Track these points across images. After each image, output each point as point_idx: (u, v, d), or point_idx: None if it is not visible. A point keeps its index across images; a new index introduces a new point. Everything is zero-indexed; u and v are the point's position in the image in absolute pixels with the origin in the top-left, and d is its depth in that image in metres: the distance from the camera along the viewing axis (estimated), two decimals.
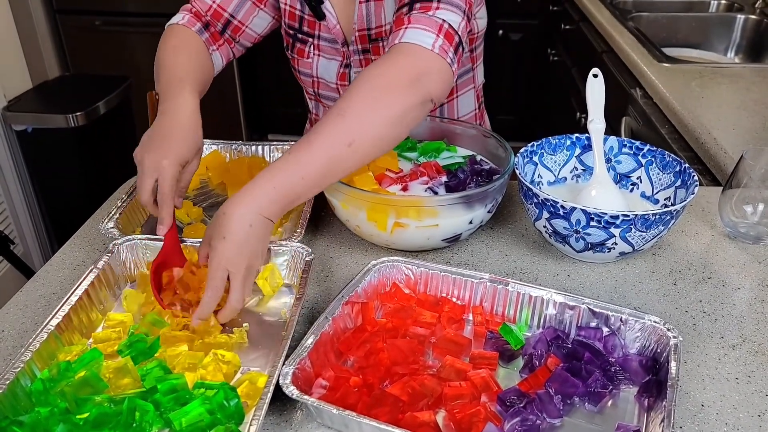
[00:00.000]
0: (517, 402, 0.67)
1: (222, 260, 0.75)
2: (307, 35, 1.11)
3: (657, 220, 0.83)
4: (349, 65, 1.11)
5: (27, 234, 2.28)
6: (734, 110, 1.40)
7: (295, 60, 1.15)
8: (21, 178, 2.21)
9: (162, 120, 0.90)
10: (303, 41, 1.12)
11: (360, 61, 1.10)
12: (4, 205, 2.18)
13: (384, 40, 1.06)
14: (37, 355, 0.70)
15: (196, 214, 1.01)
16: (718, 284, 0.88)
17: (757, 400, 0.70)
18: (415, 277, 0.83)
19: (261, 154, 1.15)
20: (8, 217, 2.20)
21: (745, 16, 2.10)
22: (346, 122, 0.78)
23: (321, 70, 1.13)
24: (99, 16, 2.85)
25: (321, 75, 1.14)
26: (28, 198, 2.24)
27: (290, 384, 0.65)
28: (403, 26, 0.84)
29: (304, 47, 1.12)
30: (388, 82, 0.80)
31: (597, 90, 1.00)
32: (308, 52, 1.12)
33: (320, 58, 1.12)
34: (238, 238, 0.75)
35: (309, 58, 1.13)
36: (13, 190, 2.19)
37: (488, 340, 0.77)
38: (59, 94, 2.31)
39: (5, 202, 2.18)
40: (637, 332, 0.74)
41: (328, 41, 1.10)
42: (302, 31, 1.10)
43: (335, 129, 0.78)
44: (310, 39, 1.11)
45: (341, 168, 0.79)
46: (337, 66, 1.12)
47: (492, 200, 0.91)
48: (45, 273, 0.90)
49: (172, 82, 0.94)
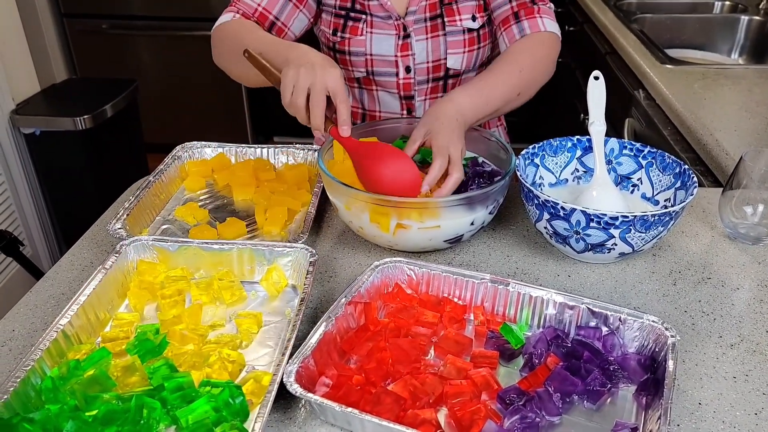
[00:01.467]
0: (516, 400, 0.69)
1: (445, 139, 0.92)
2: (360, 12, 1.13)
3: (656, 221, 0.84)
4: (409, 35, 1.14)
5: (35, 235, 2.30)
6: (736, 111, 1.40)
7: (346, 41, 1.15)
8: (29, 181, 2.23)
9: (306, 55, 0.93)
10: (356, 19, 1.14)
11: (426, 29, 1.14)
12: (13, 207, 2.21)
13: (457, 2, 1.13)
14: (47, 353, 0.71)
15: (202, 216, 1.03)
16: (718, 284, 0.89)
17: (753, 398, 0.71)
18: (417, 278, 0.84)
19: (266, 156, 1.16)
20: (17, 219, 2.23)
21: (749, 17, 2.10)
22: (523, 78, 1.06)
23: (375, 47, 1.15)
24: (106, 20, 2.88)
25: (376, 52, 1.15)
26: (36, 200, 2.27)
27: (294, 382, 0.66)
28: (536, 15, 1.09)
29: (357, 24, 1.14)
30: (546, 59, 1.09)
31: (598, 92, 1.01)
32: (361, 29, 1.14)
33: (373, 35, 1.14)
34: (452, 124, 0.95)
35: (362, 35, 1.14)
36: (21, 193, 2.21)
37: (489, 340, 0.78)
38: (67, 97, 2.33)
39: (14, 204, 2.21)
40: (636, 332, 0.75)
41: (381, 18, 1.13)
42: (355, 9, 1.13)
43: (515, 79, 1.05)
44: (363, 16, 1.13)
45: (510, 107, 1.08)
46: (393, 39, 1.14)
47: (493, 202, 0.92)
48: (54, 274, 0.92)
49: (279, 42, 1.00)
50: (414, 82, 1.17)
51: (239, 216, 1.03)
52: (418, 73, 1.16)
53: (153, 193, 1.04)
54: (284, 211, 1.00)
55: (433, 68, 1.17)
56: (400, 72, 1.16)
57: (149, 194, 1.03)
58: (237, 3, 1.11)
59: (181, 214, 1.03)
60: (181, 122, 3.10)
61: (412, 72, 1.16)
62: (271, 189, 1.07)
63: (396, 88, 1.18)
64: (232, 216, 1.02)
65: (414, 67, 1.16)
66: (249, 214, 1.04)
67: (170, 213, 1.05)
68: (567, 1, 2.57)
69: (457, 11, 1.13)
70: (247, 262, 0.89)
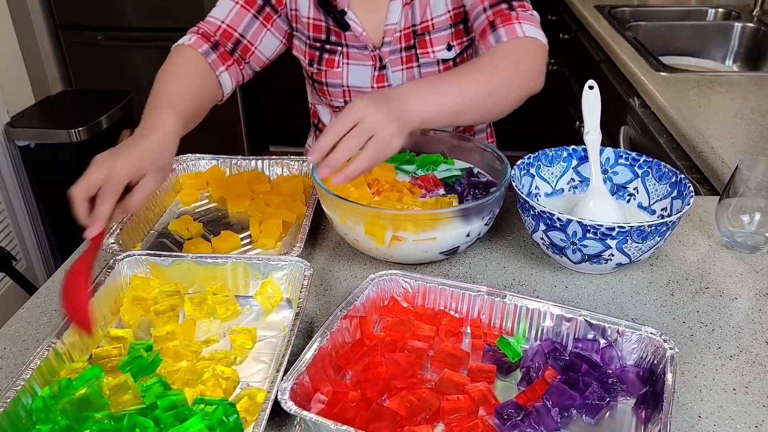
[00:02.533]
0: (514, 415, 0.68)
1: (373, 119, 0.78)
2: (335, 44, 1.11)
3: (653, 231, 0.84)
4: (385, 66, 1.12)
5: (30, 249, 2.29)
6: (731, 119, 1.40)
7: (323, 73, 1.14)
8: (24, 194, 2.22)
9: (131, 138, 0.84)
10: (332, 51, 1.12)
11: (401, 59, 1.11)
12: (8, 221, 2.19)
13: (430, 34, 1.08)
14: (38, 372, 0.70)
15: (197, 230, 1.02)
16: (716, 294, 0.89)
17: (754, 410, 0.70)
18: (413, 291, 0.84)
19: (261, 168, 1.16)
20: (12, 233, 2.21)
21: (742, 24, 2.11)
22: (494, 79, 0.91)
23: (352, 78, 1.14)
24: (101, 32, 2.88)
25: (353, 83, 1.14)
26: (31, 213, 2.26)
27: (288, 399, 0.65)
28: (513, 21, 0.96)
29: (333, 57, 1.12)
30: (529, 66, 0.95)
31: (593, 101, 1.00)
32: (338, 62, 1.12)
33: (350, 66, 1.13)
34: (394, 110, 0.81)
35: (339, 68, 1.13)
36: (16, 206, 2.20)
37: (486, 353, 0.77)
38: (62, 109, 2.33)
39: (8, 217, 2.20)
40: (634, 344, 0.74)
41: (357, 48, 1.11)
42: (330, 41, 1.11)
43: (484, 78, 0.91)
44: (339, 48, 1.12)
45: (472, 114, 0.93)
46: (369, 71, 1.13)
47: (489, 213, 0.92)
48: (46, 290, 0.91)
49: (155, 108, 0.90)
50: None
51: (234, 228, 1.02)
52: None
53: (147, 206, 1.03)
54: (279, 224, 0.99)
55: None
56: None
57: (143, 208, 1.02)
58: (202, 22, 1.07)
59: (176, 228, 1.02)
60: None
61: None
62: (266, 201, 1.06)
63: None
64: (227, 229, 1.01)
65: None
66: (244, 226, 1.03)
67: (164, 226, 1.04)
68: (561, 9, 2.58)
69: (430, 42, 1.10)
70: (242, 276, 0.88)
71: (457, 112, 0.90)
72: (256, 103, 3.19)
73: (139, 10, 2.80)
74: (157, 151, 0.83)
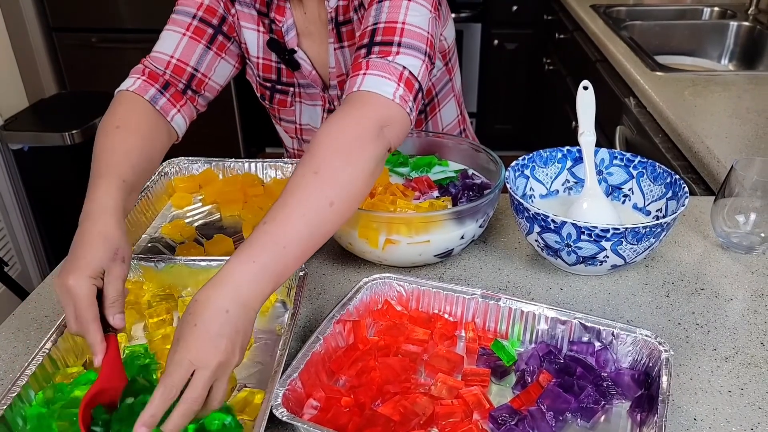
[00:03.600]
0: (509, 419, 0.67)
1: (188, 353, 0.61)
2: (287, 85, 1.09)
3: (648, 232, 0.83)
4: (333, 109, 1.10)
5: (25, 253, 2.28)
6: (727, 118, 1.40)
7: (275, 110, 1.14)
8: (18, 198, 2.21)
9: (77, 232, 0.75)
10: (283, 92, 1.10)
11: None
12: (1, 224, 2.18)
13: None
14: (33, 378, 0.70)
15: (189, 233, 1.01)
16: (711, 295, 0.88)
17: (749, 413, 0.70)
18: (407, 294, 0.83)
19: (254, 171, 1.15)
20: (6, 236, 2.20)
21: (738, 23, 2.11)
22: (323, 182, 0.72)
23: (305, 117, 1.12)
24: (95, 33, 2.87)
25: (305, 122, 1.13)
26: (25, 217, 2.25)
27: (281, 405, 0.64)
28: (361, 71, 0.80)
29: (285, 97, 1.11)
30: (357, 135, 0.75)
31: (587, 102, 1.00)
32: (290, 101, 1.11)
33: (302, 105, 1.11)
34: (211, 326, 0.62)
35: (292, 107, 1.11)
36: (10, 210, 2.19)
37: (480, 357, 0.77)
38: (56, 112, 2.32)
39: (2, 221, 2.19)
40: (629, 346, 0.74)
41: (306, 87, 1.09)
42: (281, 82, 1.09)
43: (312, 189, 0.71)
44: (291, 88, 1.10)
45: (323, 231, 0.72)
46: (320, 111, 1.11)
47: (483, 215, 0.91)
48: (37, 296, 0.90)
49: (94, 179, 0.81)
50: None
51: (227, 232, 1.01)
52: None
53: (139, 210, 1.02)
54: None
55: None
56: None
57: (135, 212, 1.01)
58: (147, 59, 0.97)
59: (168, 232, 1.01)
60: None
61: None
62: (259, 204, 1.06)
63: None
64: (220, 233, 1.01)
65: None
66: (237, 230, 1.03)
67: (157, 230, 1.03)
68: (557, 9, 2.58)
69: None
70: None
71: (306, 248, 0.71)
72: (252, 104, 3.18)
73: (134, 12, 2.79)
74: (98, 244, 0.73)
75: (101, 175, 0.81)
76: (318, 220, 0.71)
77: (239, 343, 0.64)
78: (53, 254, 2.34)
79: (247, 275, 0.66)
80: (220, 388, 0.63)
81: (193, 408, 0.61)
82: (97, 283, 0.70)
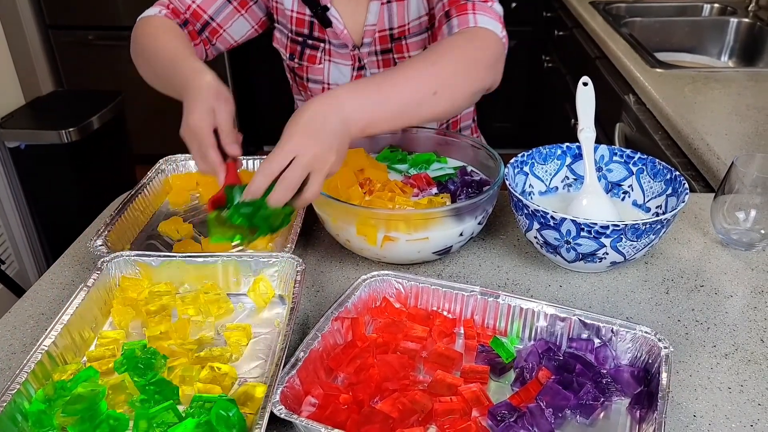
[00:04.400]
0: (508, 416, 0.67)
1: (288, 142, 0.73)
2: (318, 40, 1.10)
3: (647, 229, 0.83)
4: (363, 67, 1.11)
5: (23, 251, 2.28)
6: (727, 115, 1.40)
7: (304, 68, 1.13)
8: (15, 196, 2.21)
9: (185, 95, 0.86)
10: (314, 47, 1.11)
11: (378, 62, 1.10)
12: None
13: (406, 38, 1.07)
14: (32, 375, 0.69)
15: (186, 231, 1.01)
16: (711, 292, 0.88)
17: (749, 409, 0.70)
18: (406, 291, 0.83)
19: (252, 168, 1.14)
20: (3, 234, 2.20)
21: (738, 19, 2.10)
22: (437, 74, 0.83)
23: (333, 76, 1.12)
24: (92, 31, 2.87)
25: (333, 81, 1.13)
26: (22, 215, 2.24)
27: (279, 403, 0.64)
28: (469, 11, 0.91)
29: (315, 53, 1.11)
30: (478, 58, 0.87)
31: (587, 98, 0.99)
32: (320, 58, 1.11)
33: (331, 64, 1.12)
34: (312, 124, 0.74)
35: (320, 64, 1.12)
36: (7, 208, 2.19)
37: (479, 354, 0.76)
38: (52, 110, 2.31)
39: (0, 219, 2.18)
40: (629, 343, 0.73)
41: (337, 46, 1.10)
42: (313, 37, 1.10)
43: (426, 75, 0.83)
44: (322, 44, 1.10)
45: (416, 111, 0.83)
46: (349, 70, 1.12)
47: (482, 212, 0.91)
48: (34, 293, 0.89)
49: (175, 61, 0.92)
50: None
51: None
52: None
53: (136, 208, 1.02)
54: None
55: None
56: None
57: (132, 209, 1.01)
58: None
59: (165, 229, 1.01)
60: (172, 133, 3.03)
61: None
62: None
63: None
64: None
65: None
66: None
67: (154, 228, 1.03)
68: (557, 6, 2.58)
69: (406, 47, 1.09)
70: (233, 274, 0.87)
71: (400, 113, 0.82)
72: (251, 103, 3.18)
73: (130, 9, 2.78)
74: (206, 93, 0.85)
75: (180, 57, 0.92)
76: (418, 98, 0.82)
77: (336, 147, 0.75)
78: (51, 252, 2.33)
79: (352, 100, 0.78)
80: (315, 181, 0.74)
81: (290, 187, 0.73)
82: (211, 120, 0.82)
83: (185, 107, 0.85)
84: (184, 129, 0.84)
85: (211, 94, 0.84)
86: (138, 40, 1.02)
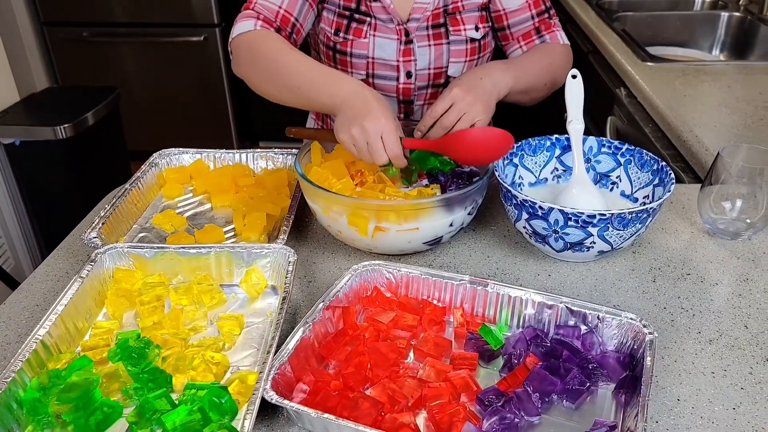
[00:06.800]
0: (495, 401, 0.68)
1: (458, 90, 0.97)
2: (364, 14, 1.12)
3: (634, 218, 0.84)
4: (411, 41, 1.13)
5: (18, 246, 2.28)
6: (716, 108, 1.41)
7: (348, 43, 1.14)
8: (10, 192, 2.21)
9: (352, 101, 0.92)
10: (360, 21, 1.13)
11: (428, 36, 1.14)
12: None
13: (461, 13, 1.14)
14: (27, 364, 0.71)
15: (180, 223, 1.02)
16: (697, 280, 0.89)
17: (732, 393, 0.71)
18: (396, 281, 0.84)
19: (245, 161, 1.15)
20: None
21: (729, 13, 2.11)
22: (550, 72, 1.13)
23: (378, 51, 1.14)
24: (86, 27, 2.86)
25: (378, 56, 1.15)
26: (18, 211, 2.24)
27: (270, 389, 0.65)
28: (554, 29, 1.18)
29: (361, 27, 1.13)
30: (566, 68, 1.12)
31: (576, 91, 1.01)
32: (365, 32, 1.13)
33: (376, 38, 1.13)
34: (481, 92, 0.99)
35: (366, 38, 1.13)
36: (2, 204, 2.19)
37: (468, 341, 0.78)
38: (47, 106, 2.31)
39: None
40: (614, 329, 0.75)
41: (383, 21, 1.12)
42: (359, 11, 1.12)
43: (547, 70, 1.13)
44: (368, 18, 1.12)
45: (532, 92, 1.12)
46: (395, 44, 1.14)
47: (472, 202, 0.92)
48: (29, 285, 0.90)
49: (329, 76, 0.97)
50: (414, 87, 1.17)
51: (218, 222, 1.02)
52: (419, 78, 1.16)
53: (130, 201, 1.03)
54: (263, 217, 0.99)
55: (434, 75, 1.17)
56: (401, 77, 1.16)
57: (126, 202, 1.01)
58: (256, 5, 1.07)
59: (159, 222, 1.02)
60: (167, 129, 3.08)
61: (413, 77, 1.16)
62: (250, 194, 1.06)
63: (395, 92, 1.18)
64: (211, 222, 1.01)
65: (415, 73, 1.16)
66: (228, 220, 1.03)
67: (147, 221, 1.04)
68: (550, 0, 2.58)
69: (461, 21, 1.14)
70: (225, 265, 0.88)
71: (527, 90, 1.09)
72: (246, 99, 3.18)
73: (125, 6, 2.78)
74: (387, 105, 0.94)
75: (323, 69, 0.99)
76: (539, 84, 1.12)
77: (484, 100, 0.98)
78: (46, 247, 2.33)
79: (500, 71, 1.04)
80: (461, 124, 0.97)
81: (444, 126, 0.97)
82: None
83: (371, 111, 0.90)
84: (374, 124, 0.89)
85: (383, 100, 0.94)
86: (254, 59, 1.03)
